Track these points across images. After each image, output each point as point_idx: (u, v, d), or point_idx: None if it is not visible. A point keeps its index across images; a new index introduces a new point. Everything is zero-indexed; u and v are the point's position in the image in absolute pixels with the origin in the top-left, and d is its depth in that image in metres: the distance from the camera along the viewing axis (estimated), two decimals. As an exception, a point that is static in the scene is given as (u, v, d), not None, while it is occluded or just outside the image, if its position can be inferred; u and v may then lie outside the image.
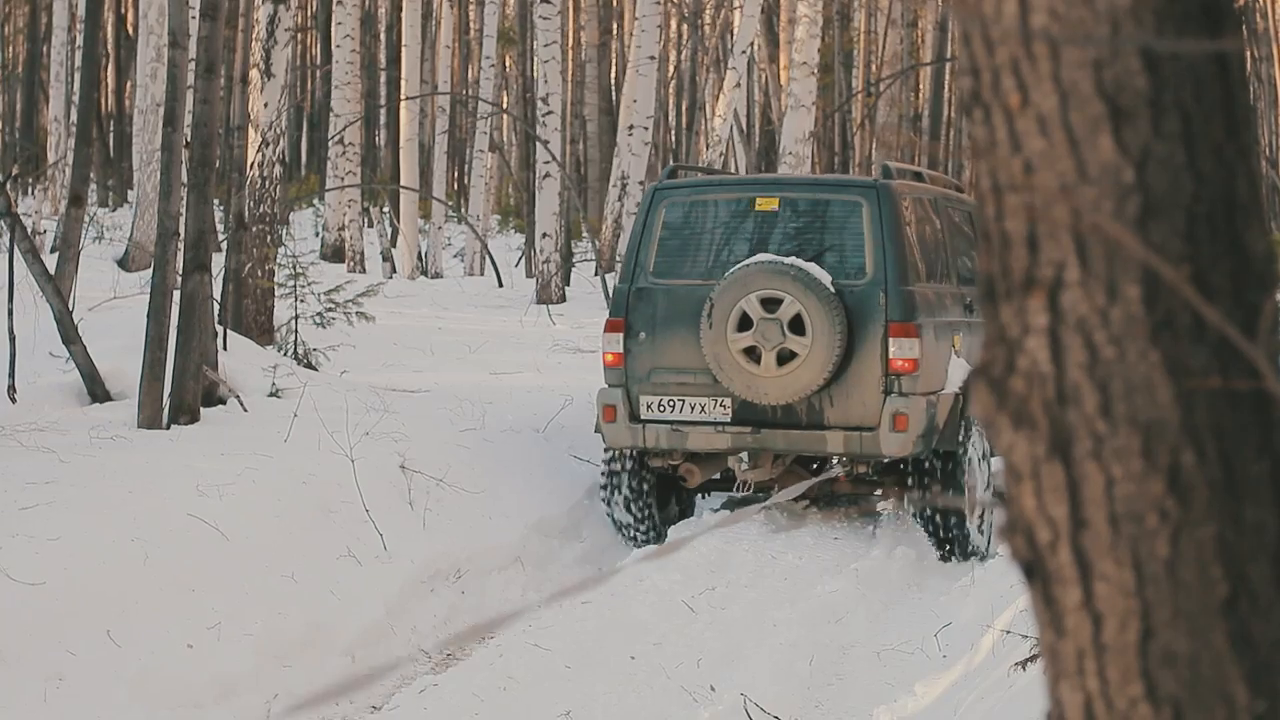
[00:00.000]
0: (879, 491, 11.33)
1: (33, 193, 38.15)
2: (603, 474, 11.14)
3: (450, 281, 28.89)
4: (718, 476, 11.34)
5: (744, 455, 10.74)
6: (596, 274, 26.36)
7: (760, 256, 10.53)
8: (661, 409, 10.75)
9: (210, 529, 8.24)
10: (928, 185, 11.62)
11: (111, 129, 46.67)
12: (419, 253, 30.89)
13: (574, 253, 30.41)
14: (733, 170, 32.19)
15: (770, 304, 10.35)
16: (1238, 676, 1.47)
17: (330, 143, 30.71)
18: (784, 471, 11.18)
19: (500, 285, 27.69)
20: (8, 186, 14.07)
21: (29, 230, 14.78)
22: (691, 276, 10.83)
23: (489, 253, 29.76)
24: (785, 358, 10.36)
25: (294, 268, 14.72)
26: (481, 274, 30.79)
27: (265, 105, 15.60)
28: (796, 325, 10.32)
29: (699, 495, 11.84)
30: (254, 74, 15.81)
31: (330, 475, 9.62)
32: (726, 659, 8.04)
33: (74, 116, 26.14)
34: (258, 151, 15.50)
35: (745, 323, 10.37)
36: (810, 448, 10.68)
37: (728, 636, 8.53)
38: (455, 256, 34.97)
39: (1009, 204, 1.52)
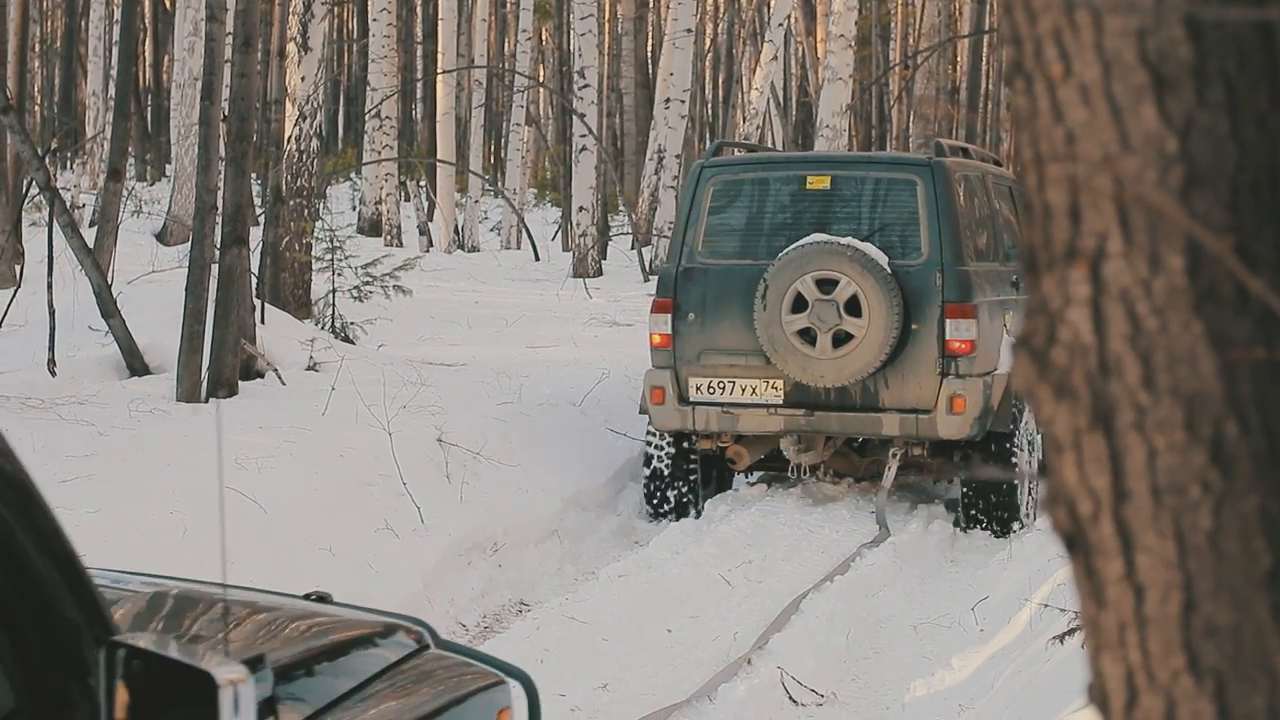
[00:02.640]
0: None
1: (71, 167, 38.29)
2: (645, 455, 11.00)
3: (487, 255, 28.93)
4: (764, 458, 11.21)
5: (796, 437, 10.68)
6: (633, 247, 26.36)
7: (815, 237, 10.36)
8: (711, 391, 10.58)
9: (248, 501, 8.27)
10: (976, 162, 11.51)
11: (149, 103, 46.80)
12: (456, 226, 30.92)
13: (610, 226, 30.41)
14: (770, 145, 32.11)
15: (826, 285, 10.22)
16: (1280, 649, 1.46)
17: (367, 116, 30.76)
18: (833, 454, 11.10)
19: (537, 259, 27.71)
20: (47, 161, 14.12)
21: (68, 204, 14.83)
22: (742, 257, 10.66)
23: (525, 226, 29.78)
24: (841, 340, 10.23)
25: (331, 241, 14.75)
26: (518, 248, 30.81)
27: (302, 79, 15.62)
28: (853, 307, 10.18)
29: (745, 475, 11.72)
30: (291, 48, 15.84)
31: (367, 448, 9.64)
32: (763, 632, 8.04)
33: (112, 91, 26.20)
34: (295, 125, 15.53)
35: (800, 304, 10.24)
36: (865, 430, 10.57)
37: (764, 610, 8.53)
38: (492, 230, 35.00)
39: (1051, 174, 1.51)
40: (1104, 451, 1.50)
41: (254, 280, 12.64)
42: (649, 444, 10.94)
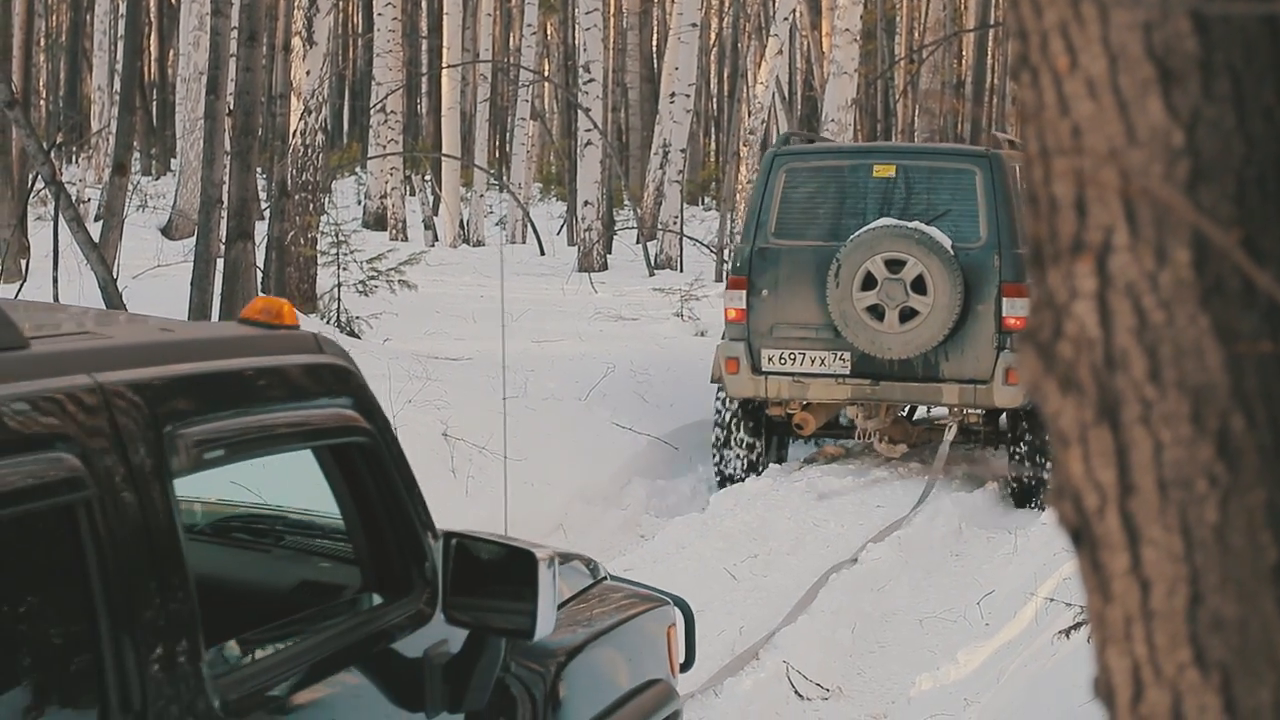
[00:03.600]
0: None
1: (77, 161, 38.33)
2: (715, 422, 11.81)
3: (492, 249, 28.91)
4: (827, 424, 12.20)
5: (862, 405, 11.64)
6: (638, 242, 26.36)
7: (884, 220, 11.22)
8: (783, 361, 11.43)
9: (253, 497, 8.26)
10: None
11: (155, 97, 46.80)
12: (461, 221, 30.92)
13: (615, 220, 30.40)
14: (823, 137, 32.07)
15: (894, 265, 11.09)
16: (1287, 642, 1.46)
17: (372, 111, 30.76)
18: (893, 422, 12.00)
19: (542, 253, 27.70)
20: (52, 155, 14.12)
21: (73, 199, 14.83)
22: (813, 238, 11.48)
23: (531, 221, 29.78)
24: (907, 315, 11.12)
25: (336, 235, 14.76)
26: (523, 242, 30.81)
27: (307, 73, 15.62)
28: (919, 285, 11.07)
29: (805, 441, 12.66)
30: (296, 42, 15.84)
31: (373, 442, 9.62)
32: (768, 627, 8.04)
33: (117, 85, 26.21)
34: (300, 119, 15.53)
35: (870, 282, 11.11)
36: (926, 399, 11.54)
37: (769, 604, 8.53)
38: (497, 224, 35.00)
39: (1057, 168, 1.51)
40: (1110, 445, 1.50)
41: (259, 274, 12.64)
42: (718, 411, 11.79)
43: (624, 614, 4.46)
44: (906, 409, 12.62)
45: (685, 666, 4.81)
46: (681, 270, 24.50)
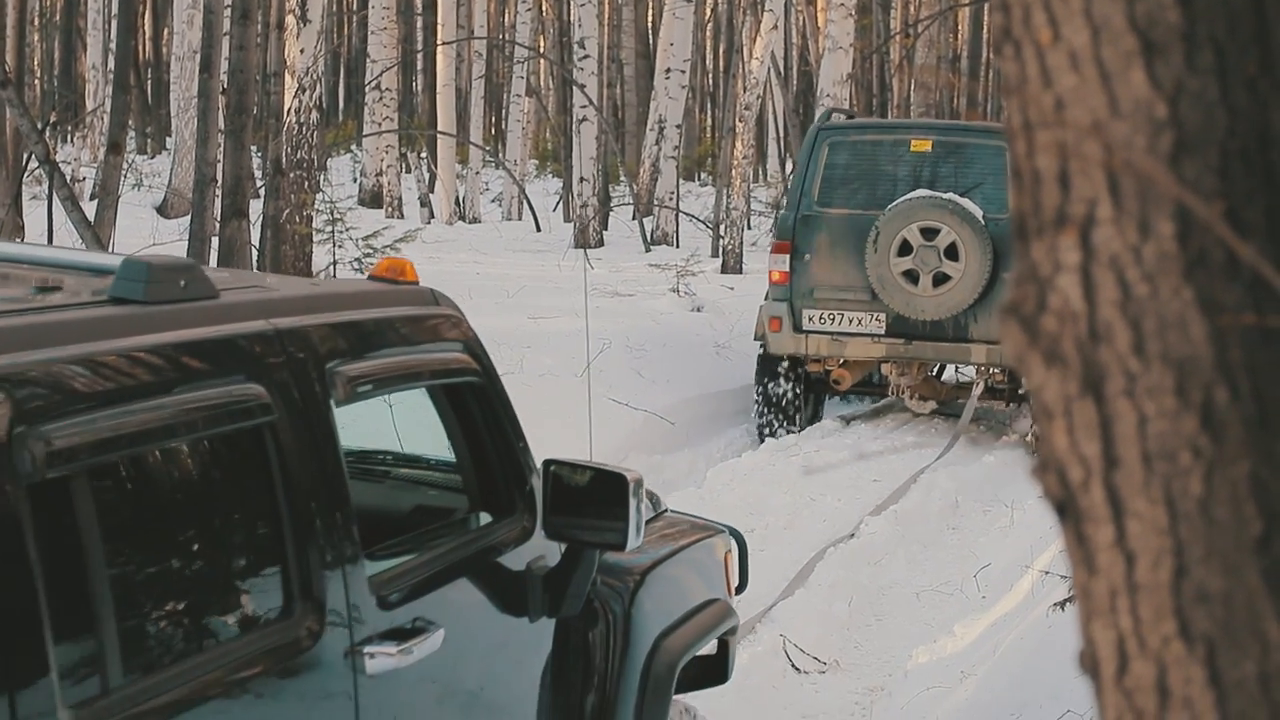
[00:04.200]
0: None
1: (71, 140, 38.25)
2: (757, 377, 12.72)
3: (488, 226, 28.89)
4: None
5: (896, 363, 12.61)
6: (634, 218, 26.34)
7: (920, 192, 12.13)
8: (823, 321, 12.39)
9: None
10: None
11: (149, 76, 46.72)
12: (457, 198, 30.88)
13: (611, 197, 30.36)
14: (854, 112, 32.03)
15: (929, 233, 11.99)
16: (1271, 613, 1.46)
17: (367, 88, 30.71)
18: (923, 379, 12.98)
19: (538, 230, 27.68)
20: (46, 135, 14.09)
21: (68, 178, 14.80)
22: (853, 207, 12.43)
23: (527, 198, 29.73)
24: (940, 280, 12.03)
25: (332, 213, 14.75)
26: (519, 219, 30.77)
27: (301, 51, 15.57)
28: (951, 252, 11.96)
29: (838, 398, 13.83)
30: (290, 20, 15.79)
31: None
32: (765, 601, 8.05)
33: (111, 64, 26.17)
34: (294, 97, 15.49)
35: (906, 249, 12.03)
36: (955, 358, 12.59)
37: (766, 578, 8.53)
38: (493, 201, 34.95)
39: (1040, 141, 1.51)
40: (1094, 418, 1.49)
41: (254, 252, 12.62)
42: (761, 369, 12.69)
43: (688, 539, 5.06)
44: (936, 368, 13.58)
45: (739, 589, 5.38)
46: (678, 246, 24.47)
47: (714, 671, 5.18)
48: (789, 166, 36.95)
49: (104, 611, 2.77)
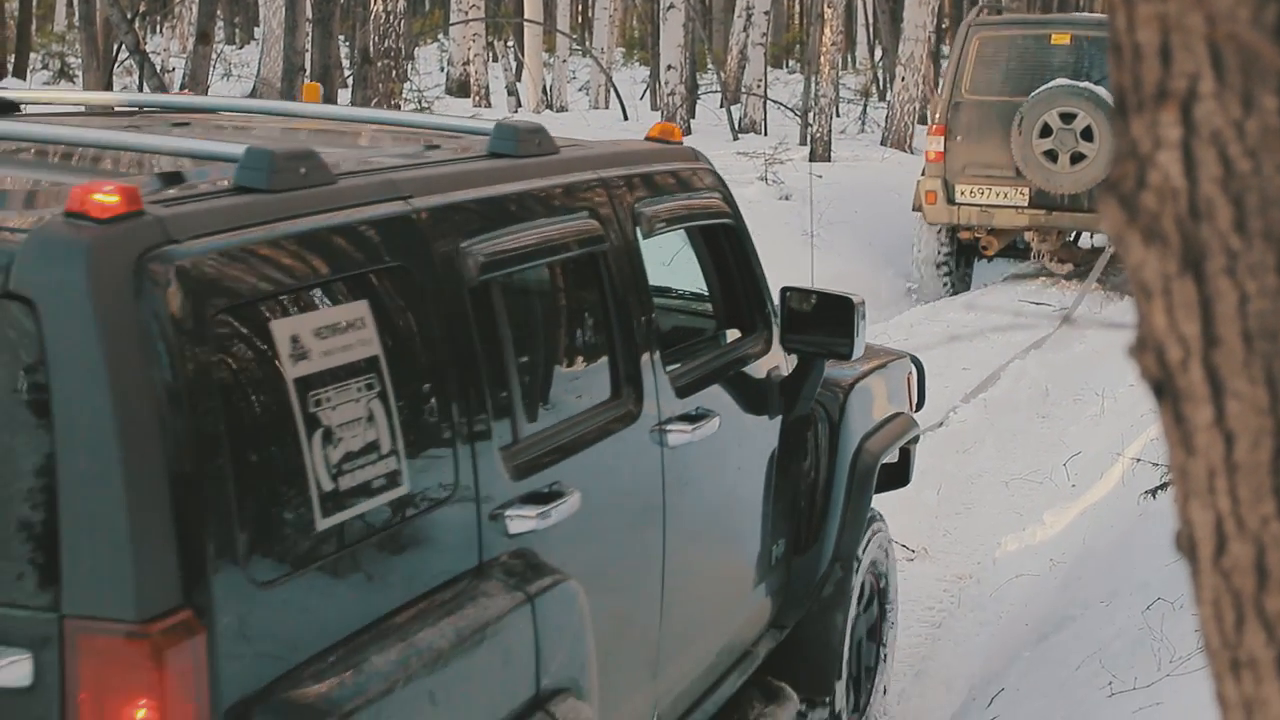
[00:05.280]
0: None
1: (161, 31, 38.40)
2: (914, 244, 14.77)
3: (575, 115, 28.80)
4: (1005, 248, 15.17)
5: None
6: (722, 106, 26.17)
7: (1059, 80, 13.86)
8: (973, 195, 14.26)
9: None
10: None
11: (236, -34, 46.70)
12: (544, 86, 30.79)
13: (699, 85, 30.18)
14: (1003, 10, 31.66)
15: (1067, 117, 13.71)
16: (1372, 494, 1.44)
17: (454, -24, 30.55)
18: (1061, 245, 14.91)
19: (625, 118, 27.56)
20: (136, 25, 14.13)
21: (157, 69, 14.84)
22: (1000, 94, 14.25)
23: (614, 86, 29.60)
24: (1077, 159, 13.74)
25: (419, 103, 14.76)
26: (606, 107, 30.66)
27: (388, -62, 15.52)
28: (1087, 134, 13.67)
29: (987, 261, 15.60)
30: (376, -93, 15.72)
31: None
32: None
33: (199, -46, 26.19)
34: (381, -14, 15.45)
35: (1046, 131, 13.76)
36: (1090, 226, 14.44)
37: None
38: (580, 90, 34.84)
39: (1141, 14, 1.48)
40: (1194, 297, 1.47)
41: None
42: (919, 236, 14.70)
43: (881, 360, 6.02)
44: (1073, 235, 15.43)
45: (918, 407, 6.43)
46: (766, 134, 24.33)
47: (896, 476, 6.21)
48: (878, 54, 36.60)
49: (511, 378, 3.70)
